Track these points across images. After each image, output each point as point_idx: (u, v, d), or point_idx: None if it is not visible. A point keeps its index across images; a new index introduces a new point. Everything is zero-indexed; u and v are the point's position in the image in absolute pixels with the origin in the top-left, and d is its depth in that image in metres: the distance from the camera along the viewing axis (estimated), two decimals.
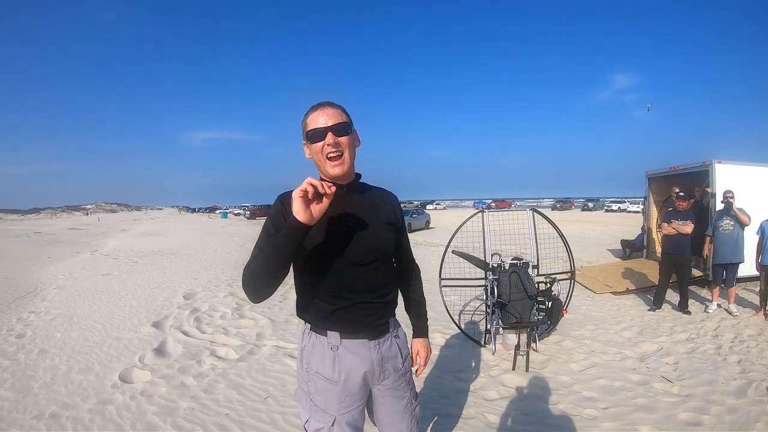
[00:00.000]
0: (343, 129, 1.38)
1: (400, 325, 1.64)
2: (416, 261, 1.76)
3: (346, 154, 1.39)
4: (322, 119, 1.36)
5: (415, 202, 59.47)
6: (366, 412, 1.60)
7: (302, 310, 1.51)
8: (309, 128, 1.38)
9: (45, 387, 3.57)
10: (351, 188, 1.45)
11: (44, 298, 7.14)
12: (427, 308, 1.80)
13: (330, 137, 1.35)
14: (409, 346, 1.69)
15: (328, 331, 1.45)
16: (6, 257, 13.11)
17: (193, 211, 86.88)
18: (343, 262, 1.40)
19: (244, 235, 20.71)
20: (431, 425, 2.94)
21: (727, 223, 5.68)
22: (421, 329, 1.76)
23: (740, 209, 5.62)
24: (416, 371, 1.71)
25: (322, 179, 1.44)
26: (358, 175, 1.51)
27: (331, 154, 1.37)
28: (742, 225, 5.61)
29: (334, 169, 1.37)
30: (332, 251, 1.39)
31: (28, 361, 4.18)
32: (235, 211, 55.47)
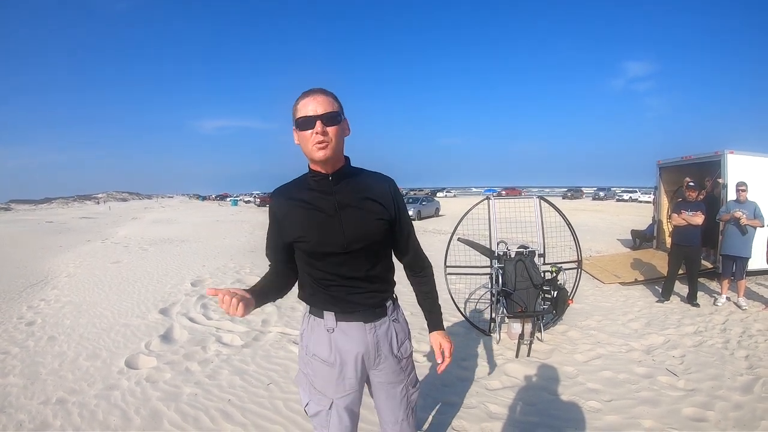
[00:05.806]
0: (332, 118, 1.36)
1: (400, 309, 1.64)
2: (426, 252, 1.67)
3: (334, 143, 1.38)
4: (312, 107, 1.35)
5: (426, 190, 59.33)
6: (370, 395, 1.64)
7: (301, 292, 1.57)
8: (299, 115, 1.37)
9: (53, 373, 3.63)
10: (337, 176, 1.44)
11: (55, 286, 7.24)
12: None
13: (319, 126, 1.34)
14: (408, 331, 1.67)
15: (325, 312, 1.48)
16: (18, 246, 13.35)
17: (203, 198, 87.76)
18: (326, 251, 1.42)
19: (253, 222, 20.84)
20: (432, 414, 2.94)
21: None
22: (435, 323, 1.64)
23: (755, 205, 5.49)
24: (439, 368, 1.56)
25: (310, 168, 1.45)
26: (347, 160, 1.49)
27: (319, 143, 1.35)
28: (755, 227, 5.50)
29: (319, 153, 1.36)
30: (315, 241, 1.41)
31: (37, 348, 4.25)
32: (246, 199, 55.95)
